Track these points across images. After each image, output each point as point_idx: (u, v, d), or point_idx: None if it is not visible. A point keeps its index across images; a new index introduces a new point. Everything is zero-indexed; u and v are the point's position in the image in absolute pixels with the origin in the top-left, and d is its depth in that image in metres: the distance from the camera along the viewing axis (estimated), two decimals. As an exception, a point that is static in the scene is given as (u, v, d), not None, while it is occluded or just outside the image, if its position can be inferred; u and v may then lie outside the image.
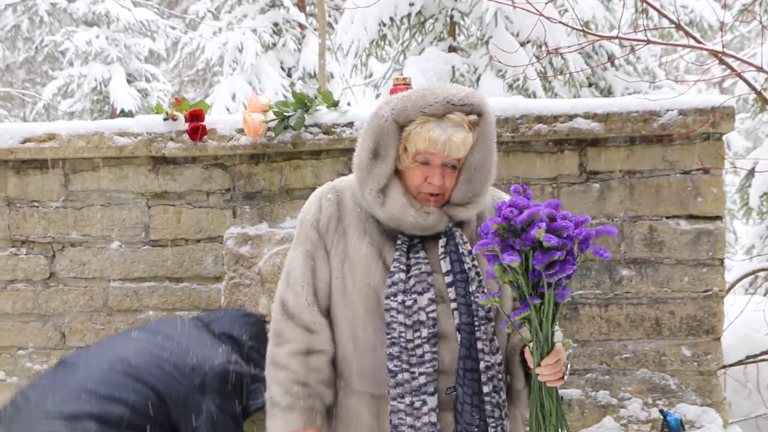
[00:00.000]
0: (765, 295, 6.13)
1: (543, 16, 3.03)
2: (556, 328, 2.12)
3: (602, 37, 3.35)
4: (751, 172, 7.24)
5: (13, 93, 18.67)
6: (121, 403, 2.74)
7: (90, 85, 17.97)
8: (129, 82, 18.29)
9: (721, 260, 3.86)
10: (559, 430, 2.16)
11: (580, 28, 3.20)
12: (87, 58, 18.19)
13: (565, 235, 1.98)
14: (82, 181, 4.09)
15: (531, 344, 2.11)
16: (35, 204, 4.12)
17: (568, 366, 2.19)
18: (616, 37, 3.00)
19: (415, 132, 2.16)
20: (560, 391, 2.23)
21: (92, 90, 18.08)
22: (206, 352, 3.09)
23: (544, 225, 1.96)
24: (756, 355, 4.66)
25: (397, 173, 2.26)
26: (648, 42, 2.97)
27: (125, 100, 17.37)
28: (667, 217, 3.87)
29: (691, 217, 3.87)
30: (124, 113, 17.06)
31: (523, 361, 2.27)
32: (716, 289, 3.85)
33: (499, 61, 6.36)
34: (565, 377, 2.13)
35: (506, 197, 2.41)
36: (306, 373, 2.24)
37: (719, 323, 3.86)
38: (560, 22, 3.32)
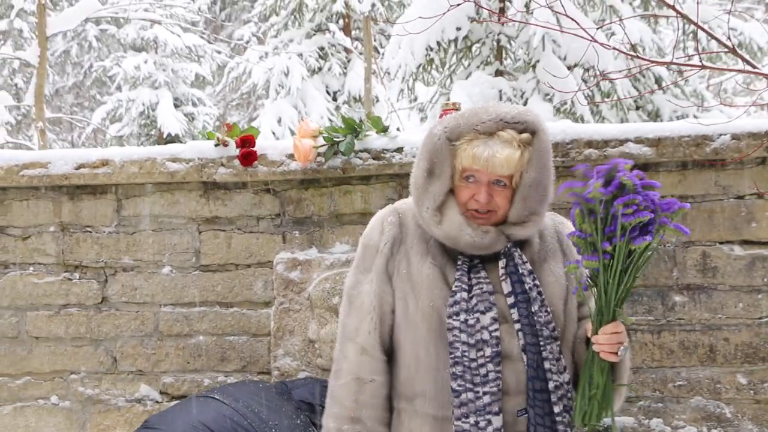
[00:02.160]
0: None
1: (595, 41, 3.01)
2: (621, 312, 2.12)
3: (655, 63, 3.32)
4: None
5: (64, 118, 18.99)
6: None
7: (138, 110, 18.28)
8: (176, 106, 18.56)
9: (777, 286, 3.80)
10: (604, 409, 2.14)
11: (633, 53, 3.16)
12: (135, 82, 18.51)
13: (649, 198, 2.02)
14: (134, 206, 4.14)
15: (593, 312, 2.12)
16: (88, 229, 4.18)
17: (628, 348, 2.15)
18: (670, 63, 2.96)
19: (462, 148, 2.17)
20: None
21: (140, 114, 18.40)
22: (285, 423, 3.10)
23: (628, 173, 2.03)
24: (813, 383, 4.56)
25: (453, 192, 2.25)
26: (703, 67, 2.93)
27: (172, 124, 17.63)
28: (721, 243, 3.82)
29: (745, 243, 3.81)
30: (171, 137, 17.30)
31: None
32: (772, 315, 3.78)
33: (549, 86, 6.33)
34: (620, 354, 2.10)
35: (568, 223, 2.40)
36: (357, 408, 2.23)
37: (775, 351, 3.79)
38: (614, 48, 3.29)
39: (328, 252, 3.96)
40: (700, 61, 2.92)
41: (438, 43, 8.09)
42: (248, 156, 3.93)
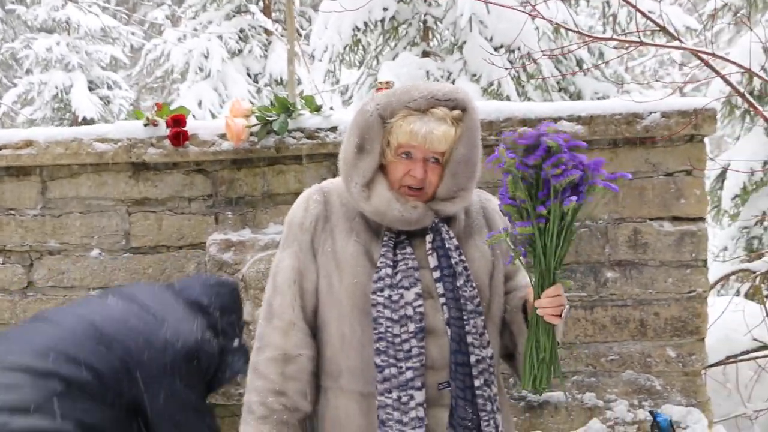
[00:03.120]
0: (744, 296, 6.19)
1: (533, 14, 3.02)
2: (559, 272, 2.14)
3: (597, 39, 3.37)
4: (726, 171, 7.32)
5: (-28, 101, 18.37)
6: (89, 369, 2.66)
7: (51, 93, 17.78)
8: (91, 89, 18.10)
9: (705, 261, 3.90)
10: (552, 370, 2.16)
11: (575, 30, 3.19)
12: (47, 65, 17.97)
13: (577, 159, 2.04)
14: (60, 188, 4.02)
15: (533, 276, 2.14)
16: (12, 212, 4.04)
17: (569, 309, 2.19)
18: (611, 39, 3.00)
19: (397, 125, 2.18)
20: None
21: (53, 98, 17.89)
22: (180, 327, 3.00)
23: (553, 135, 2.05)
24: (736, 356, 4.71)
25: (382, 169, 2.26)
26: (641, 43, 2.98)
27: (87, 108, 17.20)
28: (651, 219, 3.90)
29: (674, 219, 3.89)
30: (86, 120, 16.88)
31: (525, 317, 2.28)
32: (700, 290, 3.87)
33: (488, 62, 6.33)
34: (564, 316, 2.13)
35: (494, 200, 2.43)
36: (282, 382, 2.23)
37: (703, 324, 3.89)
38: (557, 24, 3.31)
39: (262, 233, 3.91)
40: (639, 38, 2.97)
41: (365, 24, 8.06)
42: (179, 136, 3.85)
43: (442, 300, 2.19)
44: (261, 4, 16.07)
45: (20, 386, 2.53)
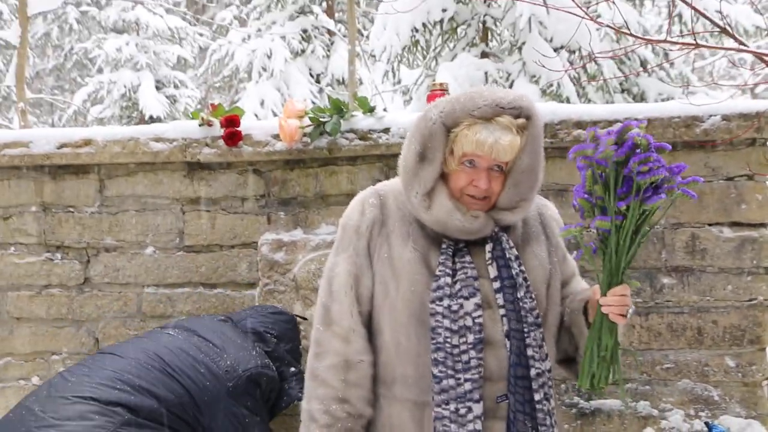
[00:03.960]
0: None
1: (588, 17, 2.96)
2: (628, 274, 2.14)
3: (650, 41, 3.28)
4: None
5: (45, 99, 18.80)
6: (154, 398, 2.81)
7: (119, 92, 18.14)
8: (158, 88, 18.44)
9: (766, 269, 3.78)
10: (612, 371, 2.14)
11: (628, 32, 3.12)
12: (117, 64, 18.35)
13: (660, 160, 2.05)
14: (117, 186, 4.08)
15: (601, 274, 2.13)
16: (70, 209, 4.12)
17: (634, 311, 2.16)
18: (665, 41, 2.92)
19: (462, 134, 2.14)
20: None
21: (121, 96, 18.26)
22: (240, 355, 3.11)
23: (642, 132, 2.05)
24: (799, 366, 4.56)
25: (443, 177, 2.23)
26: (697, 45, 2.90)
27: (154, 107, 17.52)
28: (710, 225, 3.80)
29: (734, 225, 3.79)
30: (152, 119, 17.19)
31: (586, 319, 2.26)
32: (761, 298, 3.76)
33: (541, 64, 6.27)
34: (628, 317, 2.11)
35: (551, 206, 2.41)
36: (345, 389, 2.20)
37: (764, 333, 3.77)
38: (606, 26, 3.24)
39: (314, 233, 3.91)
40: (695, 40, 2.89)
41: (423, 25, 8.03)
42: (233, 136, 3.87)
43: (502, 311, 2.16)
44: (324, 4, 16.16)
45: (90, 416, 2.68)
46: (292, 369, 3.35)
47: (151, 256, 4.07)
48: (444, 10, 7.89)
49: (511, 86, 7.78)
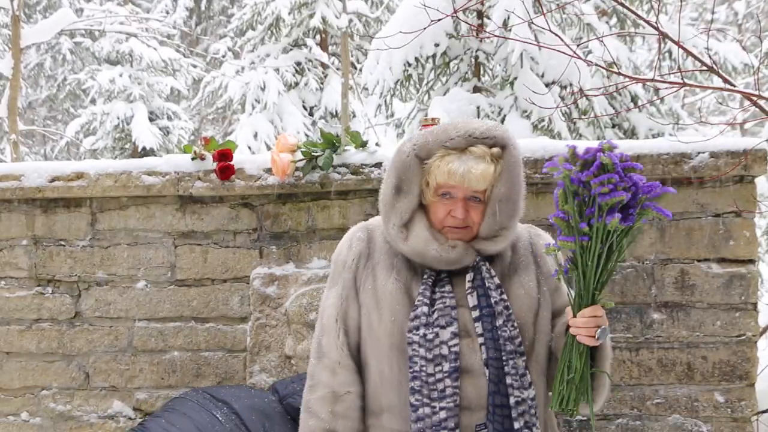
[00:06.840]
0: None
1: (577, 56, 3.01)
2: (601, 296, 2.12)
3: (638, 80, 3.33)
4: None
5: (37, 131, 18.83)
6: None
7: (112, 123, 18.17)
8: (151, 120, 18.47)
9: (755, 304, 3.80)
10: (582, 394, 2.11)
11: (616, 71, 3.16)
12: (110, 96, 18.39)
13: (631, 180, 2.01)
14: (109, 220, 4.09)
15: (572, 295, 2.12)
16: (62, 243, 4.12)
17: (607, 331, 2.12)
18: (652, 80, 2.96)
19: (435, 165, 2.17)
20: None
21: (114, 128, 18.28)
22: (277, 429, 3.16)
23: (609, 153, 2.01)
24: (788, 402, 4.57)
25: (423, 209, 2.26)
26: (683, 84, 2.93)
27: (147, 138, 17.54)
28: (699, 260, 3.82)
29: (723, 261, 3.81)
30: (145, 151, 17.21)
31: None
32: (749, 333, 3.78)
33: (531, 101, 6.32)
34: (599, 340, 2.08)
35: (545, 235, 2.42)
36: (332, 420, 2.23)
37: (753, 369, 3.79)
38: (595, 65, 3.29)
39: (306, 267, 3.93)
40: (682, 79, 2.93)
41: (416, 59, 8.11)
42: (225, 170, 3.89)
43: (481, 340, 2.16)
44: (318, 38, 16.26)
45: None
46: None
47: (143, 290, 4.07)
48: (437, 45, 7.95)
49: (503, 121, 7.83)
